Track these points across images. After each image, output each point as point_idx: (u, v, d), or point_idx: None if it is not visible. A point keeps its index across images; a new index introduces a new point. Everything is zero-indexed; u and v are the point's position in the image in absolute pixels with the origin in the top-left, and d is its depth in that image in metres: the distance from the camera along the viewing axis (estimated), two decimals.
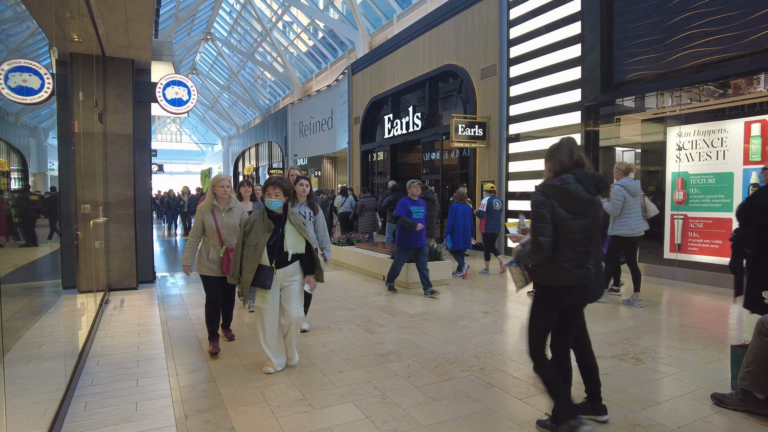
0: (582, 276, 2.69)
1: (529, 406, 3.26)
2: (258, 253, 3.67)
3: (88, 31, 5.71)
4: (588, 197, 2.65)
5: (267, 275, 3.67)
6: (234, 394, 3.47)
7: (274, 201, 3.72)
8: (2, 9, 5.42)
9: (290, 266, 3.83)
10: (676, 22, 7.59)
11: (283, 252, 3.76)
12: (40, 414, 3.01)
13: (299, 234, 3.82)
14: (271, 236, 3.72)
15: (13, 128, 7.29)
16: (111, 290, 7.08)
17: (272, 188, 3.72)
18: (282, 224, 3.78)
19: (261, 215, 3.77)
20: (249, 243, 3.70)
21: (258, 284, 3.66)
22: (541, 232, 2.63)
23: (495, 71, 10.81)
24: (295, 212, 3.93)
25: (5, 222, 6.75)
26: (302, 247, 3.84)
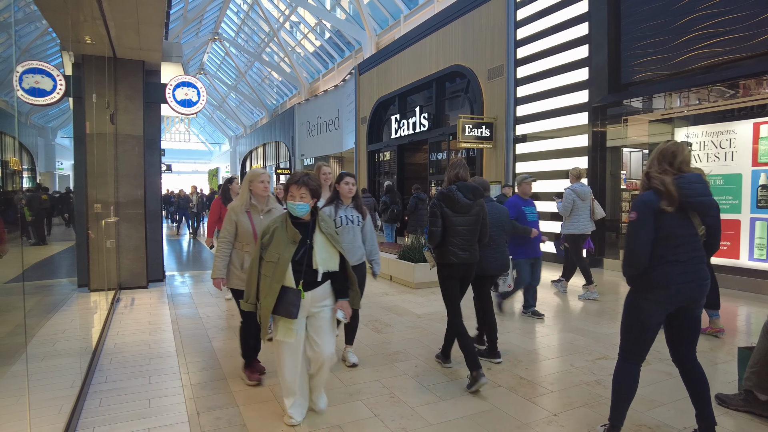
0: (465, 257, 3.74)
1: (536, 406, 3.30)
2: (280, 272, 2.85)
3: (100, 34, 5.80)
4: (467, 202, 3.72)
5: (292, 300, 2.85)
6: (244, 392, 3.53)
7: (299, 204, 2.89)
8: (16, 11, 5.51)
9: (320, 288, 2.97)
10: (683, 23, 7.58)
11: (312, 270, 2.93)
12: (56, 409, 3.08)
13: (332, 246, 2.98)
14: (297, 250, 2.91)
15: (23, 128, 7.41)
16: (121, 289, 7.17)
17: (296, 188, 2.91)
18: (310, 234, 2.96)
19: (283, 222, 2.97)
20: (268, 258, 2.91)
21: (281, 312, 2.86)
22: (434, 224, 3.75)
23: (502, 72, 10.83)
24: (326, 218, 3.12)
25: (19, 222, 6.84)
26: (335, 263, 2.99)
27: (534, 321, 5.49)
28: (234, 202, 3.83)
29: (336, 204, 3.96)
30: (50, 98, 6.66)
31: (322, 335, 3.01)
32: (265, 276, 2.92)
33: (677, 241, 2.57)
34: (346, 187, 3.96)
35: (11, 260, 6.48)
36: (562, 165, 9.33)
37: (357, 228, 3.98)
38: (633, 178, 10.78)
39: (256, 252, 2.99)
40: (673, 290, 2.58)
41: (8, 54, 5.83)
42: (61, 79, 6.53)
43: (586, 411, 3.22)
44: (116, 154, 7.07)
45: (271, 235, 2.95)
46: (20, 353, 4.24)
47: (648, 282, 2.63)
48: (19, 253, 6.25)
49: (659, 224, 2.57)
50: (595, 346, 4.57)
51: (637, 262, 2.60)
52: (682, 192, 2.53)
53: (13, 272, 6.72)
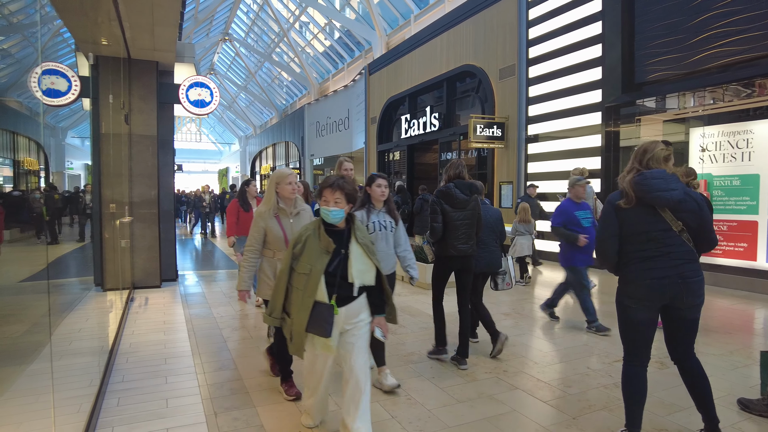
0: (464, 249, 4.02)
1: (555, 409, 3.27)
2: (313, 285, 2.59)
3: (115, 35, 5.84)
4: (464, 197, 4.01)
5: (326, 317, 2.58)
6: (261, 393, 3.54)
7: (333, 210, 2.61)
8: (32, 13, 5.56)
9: (356, 303, 2.70)
10: (698, 22, 7.49)
11: (347, 283, 2.65)
12: (75, 408, 3.10)
13: (368, 258, 2.69)
14: (331, 260, 2.63)
15: (40, 128, 7.48)
16: (135, 288, 7.22)
17: (330, 192, 2.63)
18: (345, 243, 2.68)
19: (315, 230, 2.68)
20: (300, 269, 2.63)
21: (313, 329, 2.60)
22: (435, 220, 4.01)
23: (514, 71, 10.77)
24: (361, 226, 2.82)
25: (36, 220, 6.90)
26: (371, 276, 2.70)
27: (551, 323, 5.46)
28: (260, 207, 3.54)
29: (368, 208, 3.64)
30: (65, 99, 6.71)
31: (355, 354, 2.71)
32: (296, 288, 2.65)
33: (644, 237, 2.63)
34: (378, 189, 3.64)
35: (24, 259, 6.55)
36: (575, 165, 9.26)
37: (390, 234, 3.70)
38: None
39: (286, 261, 2.71)
40: (644, 286, 2.63)
41: (24, 55, 5.89)
42: (76, 79, 6.59)
43: (605, 414, 3.19)
44: (130, 154, 7.12)
45: (303, 244, 2.66)
46: (38, 352, 4.28)
47: (623, 278, 2.74)
48: (32, 252, 6.32)
49: (622, 221, 2.68)
50: (612, 348, 4.53)
51: (603, 256, 2.77)
52: (639, 188, 2.61)
53: (28, 271, 6.79)
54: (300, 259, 2.65)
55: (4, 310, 5.76)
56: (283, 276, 2.71)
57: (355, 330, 2.72)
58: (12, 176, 5.40)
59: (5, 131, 5.57)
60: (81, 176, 19.91)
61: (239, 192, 6.33)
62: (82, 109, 13.94)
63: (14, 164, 5.97)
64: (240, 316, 5.75)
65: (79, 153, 22.58)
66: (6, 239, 4.37)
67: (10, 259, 5.87)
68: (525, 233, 7.59)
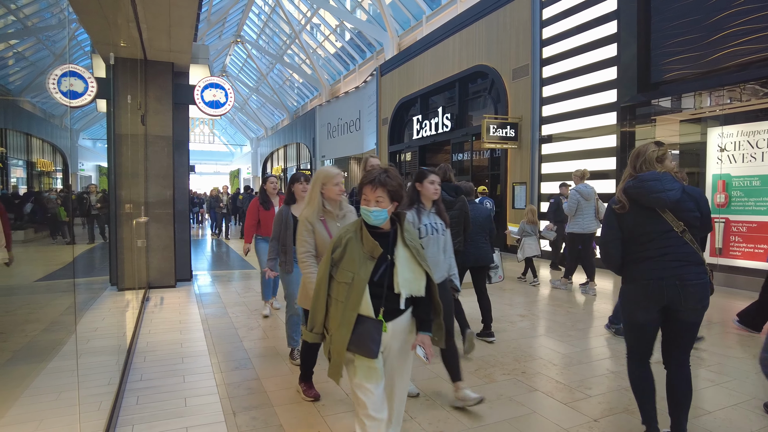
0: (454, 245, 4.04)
1: (575, 411, 3.23)
2: (356, 296, 2.17)
3: (132, 36, 5.89)
4: (450, 198, 4.10)
5: (372, 334, 2.16)
6: (279, 392, 3.53)
7: (374, 211, 2.21)
8: (48, 18, 5.63)
9: (403, 317, 2.29)
10: (716, 20, 7.39)
11: (394, 294, 2.22)
12: (95, 406, 3.12)
13: (417, 264, 2.26)
14: (376, 267, 2.21)
15: (57, 130, 7.57)
16: (150, 288, 7.26)
17: (371, 189, 2.22)
18: (390, 247, 2.26)
19: (357, 231, 2.28)
20: (341, 278, 2.22)
21: (358, 349, 2.17)
22: None
23: (527, 71, 10.71)
24: (410, 227, 2.40)
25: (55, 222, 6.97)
26: (421, 285, 2.26)
27: (567, 324, 5.40)
28: (305, 210, 3.24)
29: (418, 209, 3.25)
30: (81, 100, 6.79)
31: (397, 377, 2.36)
32: (336, 301, 2.24)
33: (644, 239, 2.66)
34: (431, 187, 3.24)
35: (39, 259, 6.62)
36: (590, 166, 9.18)
37: (441, 239, 3.27)
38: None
39: (324, 269, 2.28)
40: (643, 285, 2.65)
41: (40, 57, 5.96)
42: (92, 81, 6.66)
43: (627, 417, 3.14)
44: (146, 155, 7.17)
45: (343, 249, 2.25)
46: (57, 350, 4.32)
47: (624, 278, 2.79)
48: (46, 252, 6.38)
49: (622, 224, 2.72)
50: None
51: (607, 259, 2.81)
52: (635, 192, 2.66)
53: (42, 271, 6.87)
54: (340, 266, 2.24)
55: (23, 308, 5.84)
56: (321, 285, 2.29)
57: (402, 349, 2.34)
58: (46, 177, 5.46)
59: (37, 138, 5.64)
60: (92, 177, 20.12)
61: (260, 190, 5.94)
62: (95, 110, 14.09)
63: (33, 166, 6.03)
64: (256, 316, 5.76)
65: (90, 154, 22.81)
66: (19, 239, 4.42)
67: (26, 259, 5.94)
68: (532, 234, 7.56)
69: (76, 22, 6.24)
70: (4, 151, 4.28)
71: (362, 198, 2.26)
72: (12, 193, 4.90)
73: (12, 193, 4.90)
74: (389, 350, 2.30)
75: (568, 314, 5.80)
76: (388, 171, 2.28)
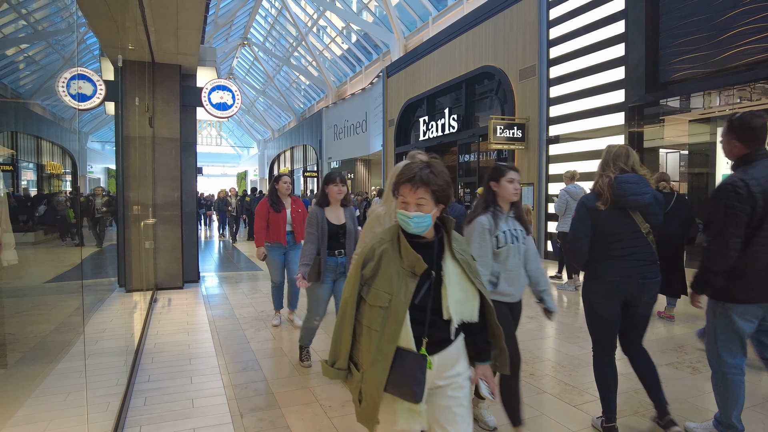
0: None
1: (585, 413, 3.20)
2: (394, 323, 1.71)
3: (140, 39, 5.92)
4: None
5: (414, 373, 1.70)
6: (286, 394, 3.53)
7: (414, 217, 1.73)
8: (57, 21, 5.69)
9: (452, 348, 1.81)
10: (726, 19, 7.32)
11: (442, 320, 1.76)
12: (104, 407, 3.13)
13: (469, 282, 1.80)
14: (418, 287, 1.74)
15: (66, 133, 7.64)
16: (158, 289, 7.30)
17: (409, 189, 1.75)
18: (435, 260, 1.79)
19: (393, 241, 1.81)
20: (373, 300, 1.76)
21: (398, 390, 1.73)
22: None
23: (534, 72, 10.67)
24: (459, 236, 1.91)
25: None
26: (474, 307, 1.80)
27: (576, 324, 5.37)
28: (378, 209, 2.82)
29: (494, 212, 2.75)
30: (90, 102, 6.84)
31: (454, 424, 1.81)
32: (369, 329, 1.76)
33: (614, 238, 2.78)
34: (510, 186, 2.75)
35: (48, 261, 6.65)
36: (597, 167, 9.12)
37: (522, 248, 2.82)
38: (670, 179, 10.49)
39: (352, 288, 1.81)
40: (609, 282, 2.79)
41: (50, 61, 6.01)
42: (101, 83, 6.71)
43: (636, 419, 3.11)
44: (154, 157, 7.21)
45: (377, 263, 1.78)
46: (66, 351, 4.35)
47: (589, 275, 2.90)
48: (56, 254, 6.40)
49: (596, 221, 2.80)
50: None
51: (575, 255, 2.89)
52: (614, 192, 2.76)
53: (52, 272, 6.90)
54: (373, 285, 1.77)
55: (33, 309, 5.88)
56: (347, 308, 1.82)
57: (452, 388, 1.81)
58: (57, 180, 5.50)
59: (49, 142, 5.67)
60: (101, 179, 20.27)
61: (269, 190, 5.46)
62: (104, 113, 14.19)
63: (43, 168, 6.08)
64: (263, 317, 5.77)
65: (99, 157, 23.02)
66: (29, 241, 4.46)
67: (36, 261, 5.98)
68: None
69: (85, 26, 6.30)
70: (14, 153, 4.31)
71: (399, 200, 1.80)
72: (24, 196, 4.95)
73: (24, 196, 4.95)
74: (435, 387, 1.80)
75: (576, 315, 5.76)
76: (432, 165, 1.78)
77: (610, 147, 2.95)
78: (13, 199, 3.90)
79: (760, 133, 2.55)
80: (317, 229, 3.77)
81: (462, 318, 1.77)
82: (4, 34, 4.76)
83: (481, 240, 2.68)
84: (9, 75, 4.97)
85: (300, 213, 5.35)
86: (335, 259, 3.87)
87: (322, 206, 3.86)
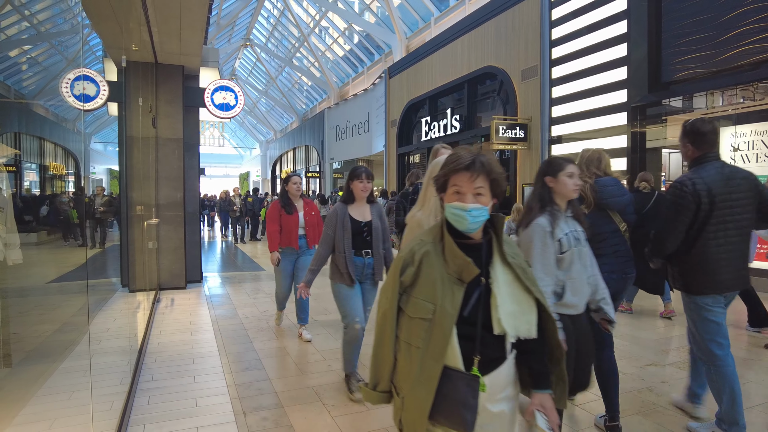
0: None
1: (588, 413, 3.20)
2: (441, 338, 1.47)
3: (143, 40, 5.95)
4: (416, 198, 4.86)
5: (464, 397, 1.45)
6: (289, 393, 3.54)
7: (472, 209, 1.49)
8: (60, 23, 5.71)
9: (504, 367, 1.54)
10: (729, 19, 7.31)
11: (491, 335, 1.50)
12: (107, 406, 3.14)
13: (525, 291, 1.55)
14: (466, 296, 1.50)
15: (70, 134, 7.66)
16: (161, 289, 7.31)
17: (468, 177, 1.50)
18: (484, 265, 1.53)
19: (435, 242, 1.57)
20: (413, 311, 1.52)
21: (445, 419, 1.49)
22: (399, 215, 4.84)
23: (536, 72, 10.66)
24: (509, 239, 1.64)
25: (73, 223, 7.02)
26: (531, 321, 1.53)
27: None
28: (417, 214, 2.51)
29: (552, 212, 2.39)
30: (93, 103, 6.86)
31: None
32: (408, 345, 1.54)
33: (598, 238, 2.91)
34: (569, 182, 2.40)
35: (51, 261, 6.67)
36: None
37: (584, 251, 2.45)
38: (672, 179, 10.48)
39: (390, 297, 1.58)
40: None
41: (53, 62, 6.04)
42: (104, 84, 6.73)
43: (639, 419, 3.11)
44: (157, 157, 7.23)
45: (417, 268, 1.54)
46: (69, 350, 4.37)
47: None
48: (59, 254, 6.43)
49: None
50: (643, 352, 4.42)
51: None
52: (597, 195, 2.96)
53: (55, 272, 6.93)
54: (413, 294, 1.54)
55: (37, 309, 5.90)
56: (387, 323, 1.59)
57: (503, 414, 1.55)
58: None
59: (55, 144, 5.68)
60: (103, 180, 20.36)
61: (280, 192, 5.18)
62: (107, 114, 14.22)
63: (46, 169, 6.11)
64: (266, 317, 5.77)
65: (101, 158, 23.08)
66: (32, 241, 4.48)
67: (39, 261, 6.00)
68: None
69: (89, 27, 6.32)
70: (18, 153, 4.33)
71: (450, 190, 1.54)
72: (28, 197, 4.98)
73: (28, 197, 4.98)
74: (485, 417, 1.50)
75: None
76: (485, 154, 1.57)
77: (584, 151, 3.19)
78: (18, 200, 3.92)
79: (710, 137, 2.78)
80: (335, 229, 3.47)
81: (517, 333, 1.51)
82: (7, 36, 4.78)
83: (543, 245, 2.29)
84: (12, 76, 4.99)
85: (313, 216, 5.06)
86: (362, 259, 3.51)
87: (347, 203, 3.57)
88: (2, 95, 4.27)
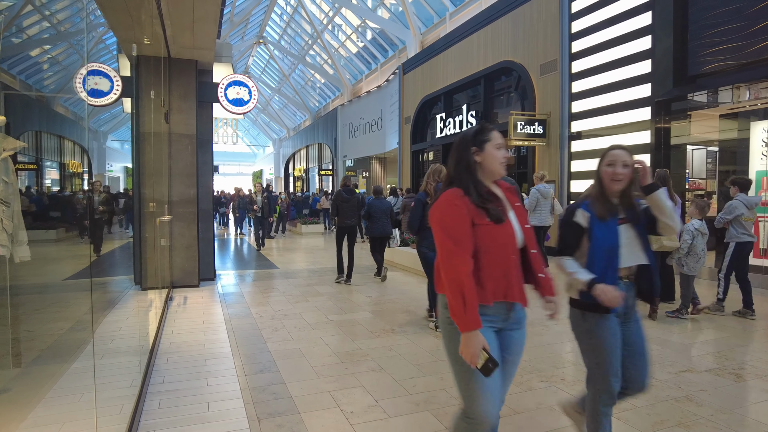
0: (349, 223, 7.55)
1: (624, 423, 2.99)
2: None
3: (156, 33, 5.83)
4: (347, 197, 7.55)
5: None
6: (305, 398, 3.38)
7: None
8: (77, 22, 5.63)
9: None
10: (759, 9, 6.99)
11: None
12: (117, 409, 3.01)
13: None
14: None
15: (84, 132, 7.59)
16: (174, 287, 7.22)
17: None
18: None
19: None
20: None
21: None
22: (333, 205, 7.67)
23: (556, 67, 10.39)
24: None
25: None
26: None
27: None
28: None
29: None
30: (107, 99, 6.77)
31: None
32: None
33: None
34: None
35: (67, 258, 6.57)
36: None
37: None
38: (696, 177, 10.14)
39: None
40: None
41: (71, 62, 5.97)
42: (117, 79, 6.64)
43: (680, 431, 2.89)
44: (170, 153, 7.13)
45: None
46: (81, 349, 4.25)
47: None
48: (73, 252, 6.32)
49: None
50: (677, 357, 4.19)
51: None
52: None
53: (72, 269, 6.84)
54: None
55: (52, 307, 5.83)
56: None
57: None
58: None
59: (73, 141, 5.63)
60: (120, 178, 20.49)
61: (466, 185, 3.18)
62: (123, 112, 14.20)
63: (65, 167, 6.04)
64: (280, 317, 5.63)
65: (118, 156, 23.22)
66: (43, 238, 4.38)
67: (55, 258, 5.93)
68: None
69: (104, 26, 6.24)
70: (26, 145, 4.21)
71: None
72: (47, 194, 4.92)
73: (47, 194, 4.92)
74: None
75: None
76: None
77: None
78: (25, 197, 3.82)
79: None
80: None
81: None
82: (29, 36, 4.72)
83: None
84: (33, 75, 4.94)
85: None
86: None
87: None
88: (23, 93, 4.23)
